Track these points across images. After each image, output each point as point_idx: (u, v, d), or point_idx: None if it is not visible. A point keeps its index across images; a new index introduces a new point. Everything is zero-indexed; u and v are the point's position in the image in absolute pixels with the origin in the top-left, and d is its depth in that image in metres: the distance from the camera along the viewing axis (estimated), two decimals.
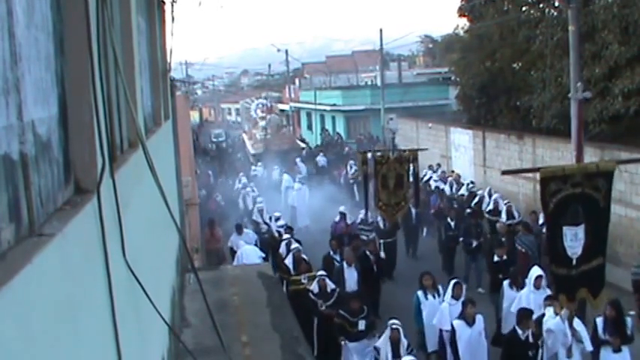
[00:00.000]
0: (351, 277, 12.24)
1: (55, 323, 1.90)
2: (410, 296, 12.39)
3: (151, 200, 4.35)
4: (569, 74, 15.80)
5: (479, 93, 24.30)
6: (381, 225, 15.57)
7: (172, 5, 9.26)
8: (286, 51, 54.10)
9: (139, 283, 3.21)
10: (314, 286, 11.38)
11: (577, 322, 8.66)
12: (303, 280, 12.05)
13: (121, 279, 2.94)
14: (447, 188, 21.42)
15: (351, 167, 26.95)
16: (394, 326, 9.31)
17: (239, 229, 15.68)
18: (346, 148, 33.96)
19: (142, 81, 5.41)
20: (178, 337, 5.90)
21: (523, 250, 13.45)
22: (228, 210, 21.24)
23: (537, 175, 20.29)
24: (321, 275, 11.51)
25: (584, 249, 6.80)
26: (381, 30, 38.24)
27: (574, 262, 6.84)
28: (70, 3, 2.60)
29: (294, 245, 13.10)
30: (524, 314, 9.23)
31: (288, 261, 12.71)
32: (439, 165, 24.93)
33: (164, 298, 5.44)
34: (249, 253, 13.63)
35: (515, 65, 23.54)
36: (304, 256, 12.86)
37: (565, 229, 6.72)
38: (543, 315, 9.22)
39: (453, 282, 10.57)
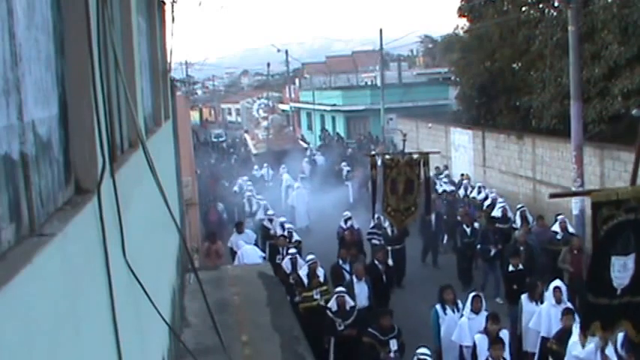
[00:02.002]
0: (362, 292, 11.51)
1: (55, 323, 1.90)
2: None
3: (151, 200, 4.36)
4: (568, 74, 15.80)
5: (479, 93, 24.30)
6: (389, 231, 15.00)
7: (172, 5, 9.28)
8: (286, 51, 54.08)
9: (139, 283, 3.22)
10: (332, 304, 10.51)
11: (610, 350, 8.02)
12: (315, 296, 11.28)
13: (121, 279, 2.94)
14: (463, 192, 20.24)
15: (342, 169, 26.80)
16: (422, 356, 8.34)
17: (239, 228, 15.63)
18: (349, 150, 33.53)
19: (142, 81, 5.41)
20: (178, 336, 5.90)
21: None
22: (231, 219, 19.65)
23: (536, 176, 20.31)
24: (340, 292, 10.61)
25: (632, 280, 6.23)
26: (381, 30, 38.28)
27: (618, 291, 6.21)
28: (71, 3, 2.60)
29: (310, 257, 12.19)
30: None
31: (303, 273, 11.86)
32: (446, 167, 24.47)
33: (164, 298, 5.44)
34: (249, 253, 13.61)
35: (514, 65, 23.54)
36: (320, 269, 12.01)
37: (614, 259, 6.14)
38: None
39: (471, 295, 9.95)
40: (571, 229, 14.03)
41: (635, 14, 16.20)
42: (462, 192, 20.22)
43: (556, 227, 13.84)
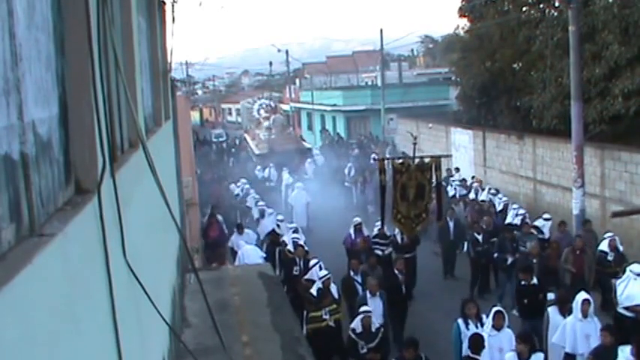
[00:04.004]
0: (376, 308, 10.73)
1: (56, 323, 1.90)
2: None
3: (151, 200, 4.36)
4: (569, 74, 15.81)
5: (479, 93, 24.30)
6: (399, 239, 14.15)
7: (173, 5, 9.26)
8: (287, 51, 54.16)
9: (140, 283, 3.22)
10: (356, 325, 9.79)
11: None
12: (324, 316, 10.57)
13: (122, 279, 2.94)
14: (474, 196, 19.46)
15: (350, 170, 26.50)
16: None
17: (240, 229, 15.60)
18: (356, 151, 33.11)
19: (142, 81, 5.41)
20: (179, 337, 5.90)
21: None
22: (231, 230, 17.06)
23: (537, 176, 20.31)
24: (366, 312, 9.86)
25: None
26: (381, 30, 38.27)
27: None
28: (71, 3, 2.60)
29: (323, 272, 11.25)
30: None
31: (316, 289, 11.01)
32: (457, 169, 23.60)
33: (164, 298, 5.44)
34: (249, 253, 13.60)
35: (515, 65, 23.55)
36: (333, 285, 11.17)
37: None
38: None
39: (493, 310, 9.24)
40: (620, 248, 12.79)
41: (635, 14, 16.20)
42: (472, 195, 19.53)
43: (604, 246, 12.61)
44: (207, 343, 6.54)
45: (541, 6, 21.76)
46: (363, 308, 10.06)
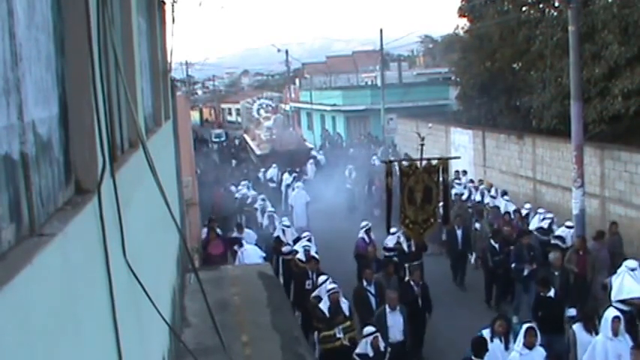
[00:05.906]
0: (396, 324, 10.00)
1: (56, 323, 1.90)
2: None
3: (151, 200, 4.36)
4: (569, 74, 15.81)
5: (479, 93, 24.30)
6: (405, 246, 13.30)
7: (172, 5, 9.28)
8: (286, 51, 54.14)
9: (140, 283, 3.22)
10: (366, 349, 9.11)
11: None
12: (338, 335, 9.88)
13: (122, 279, 2.94)
14: (482, 198, 18.77)
15: (350, 172, 26.20)
16: None
17: (239, 229, 15.56)
18: (350, 150, 32.87)
19: (142, 81, 5.41)
20: (179, 336, 5.90)
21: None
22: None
23: (537, 176, 20.28)
24: (374, 334, 9.17)
25: None
26: (381, 30, 38.30)
27: None
28: (71, 3, 2.60)
29: (331, 285, 10.40)
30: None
31: (325, 305, 10.13)
32: (465, 172, 22.80)
33: (164, 298, 5.44)
34: (249, 253, 13.58)
35: (515, 65, 23.55)
36: (344, 300, 10.39)
37: None
38: None
39: (525, 327, 8.55)
40: None
41: (635, 14, 16.21)
42: (481, 199, 18.93)
43: None
44: (207, 343, 6.54)
45: (541, 6, 21.76)
46: (369, 330, 9.30)
